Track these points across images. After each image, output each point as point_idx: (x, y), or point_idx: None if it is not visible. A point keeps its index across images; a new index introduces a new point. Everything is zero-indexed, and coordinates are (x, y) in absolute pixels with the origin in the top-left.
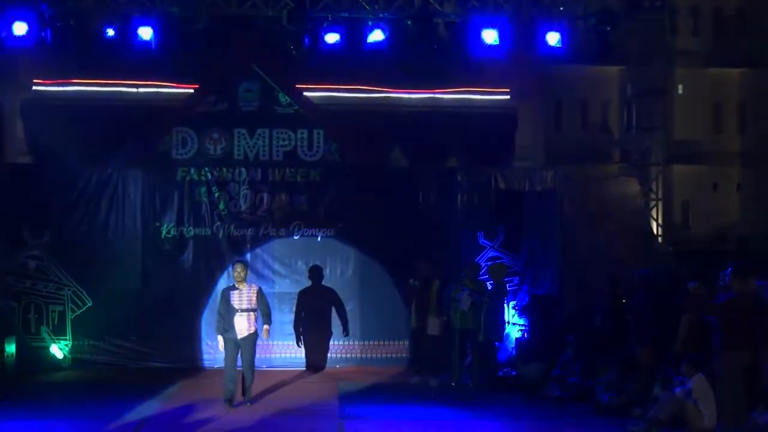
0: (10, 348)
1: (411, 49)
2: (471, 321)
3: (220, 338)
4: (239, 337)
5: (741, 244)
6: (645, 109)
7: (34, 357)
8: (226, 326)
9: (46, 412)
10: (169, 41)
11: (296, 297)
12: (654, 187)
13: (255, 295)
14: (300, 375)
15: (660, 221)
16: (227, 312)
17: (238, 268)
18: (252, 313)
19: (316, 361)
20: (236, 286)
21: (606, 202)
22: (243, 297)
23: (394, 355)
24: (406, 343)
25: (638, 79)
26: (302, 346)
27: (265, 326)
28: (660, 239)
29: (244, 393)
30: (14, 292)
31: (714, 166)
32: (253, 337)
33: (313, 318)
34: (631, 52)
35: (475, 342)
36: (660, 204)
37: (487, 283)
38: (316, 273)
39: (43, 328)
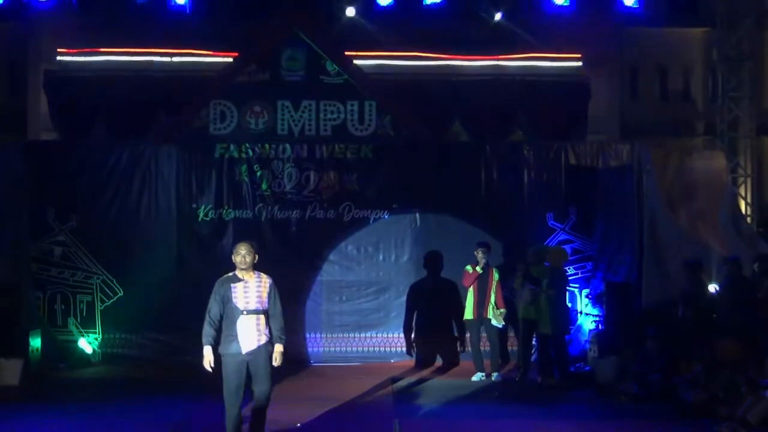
0: (35, 342)
1: (473, 11)
2: (534, 312)
3: (207, 351)
4: (245, 350)
5: None
6: (732, 76)
7: (60, 351)
8: (225, 336)
9: (74, 410)
10: (205, 5)
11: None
12: (742, 162)
13: (267, 290)
14: (351, 371)
15: (749, 200)
16: (227, 315)
17: (242, 250)
18: (263, 316)
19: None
20: (239, 276)
21: (689, 179)
22: (251, 293)
23: (455, 350)
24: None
25: (725, 42)
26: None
27: (278, 347)
28: (749, 220)
29: None
30: (39, 281)
31: None
32: (266, 350)
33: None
34: (717, 12)
35: (538, 335)
36: (749, 180)
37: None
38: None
39: (71, 320)
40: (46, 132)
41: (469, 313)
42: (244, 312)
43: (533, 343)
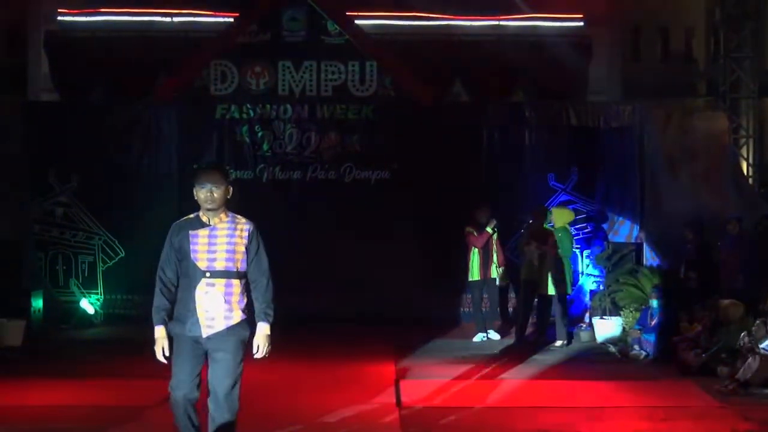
0: (37, 302)
1: None
2: (537, 272)
3: (159, 332)
4: (207, 334)
5: None
6: (734, 36)
7: (62, 312)
8: (179, 309)
9: (76, 371)
10: None
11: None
12: (744, 123)
13: (244, 241)
14: (348, 330)
15: (751, 160)
16: (184, 277)
17: (208, 179)
18: (237, 282)
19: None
20: (202, 219)
21: (690, 140)
22: (219, 245)
23: (454, 310)
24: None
25: (727, 1)
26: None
27: (262, 327)
28: (751, 181)
29: None
30: (40, 242)
31: None
32: (238, 337)
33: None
34: None
35: (540, 295)
36: (751, 141)
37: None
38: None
39: (72, 281)
40: (46, 92)
41: (474, 274)
42: (208, 274)
43: (534, 304)
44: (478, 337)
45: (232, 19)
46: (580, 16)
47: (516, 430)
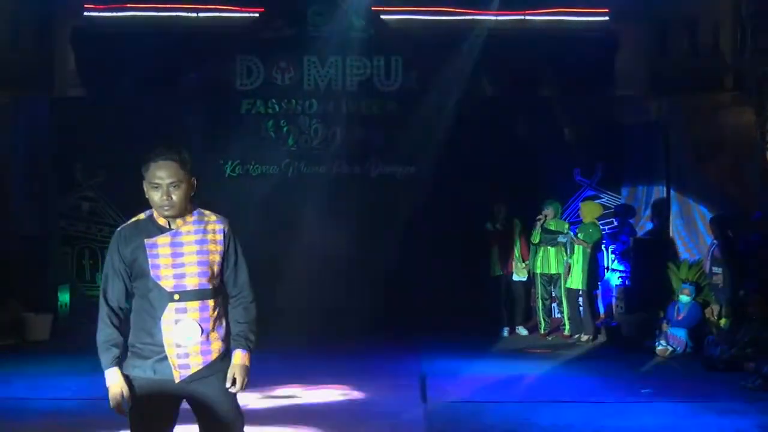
0: (64, 297)
1: None
2: (558, 266)
3: (112, 377)
4: (180, 376)
5: None
6: (762, 30)
7: (89, 307)
8: (137, 343)
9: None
10: None
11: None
12: None
13: (218, 246)
14: (373, 324)
15: None
16: (141, 301)
17: (162, 171)
18: (212, 303)
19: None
20: (159, 221)
21: (717, 135)
22: (187, 254)
23: (479, 306)
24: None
25: None
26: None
27: (241, 355)
28: None
29: None
30: (67, 237)
31: None
32: (221, 379)
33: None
34: None
35: (562, 289)
36: None
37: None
38: None
39: (99, 276)
40: (73, 88)
41: (495, 270)
42: (177, 297)
43: (553, 297)
44: (504, 332)
45: (257, 15)
46: (606, 10)
47: (541, 426)
